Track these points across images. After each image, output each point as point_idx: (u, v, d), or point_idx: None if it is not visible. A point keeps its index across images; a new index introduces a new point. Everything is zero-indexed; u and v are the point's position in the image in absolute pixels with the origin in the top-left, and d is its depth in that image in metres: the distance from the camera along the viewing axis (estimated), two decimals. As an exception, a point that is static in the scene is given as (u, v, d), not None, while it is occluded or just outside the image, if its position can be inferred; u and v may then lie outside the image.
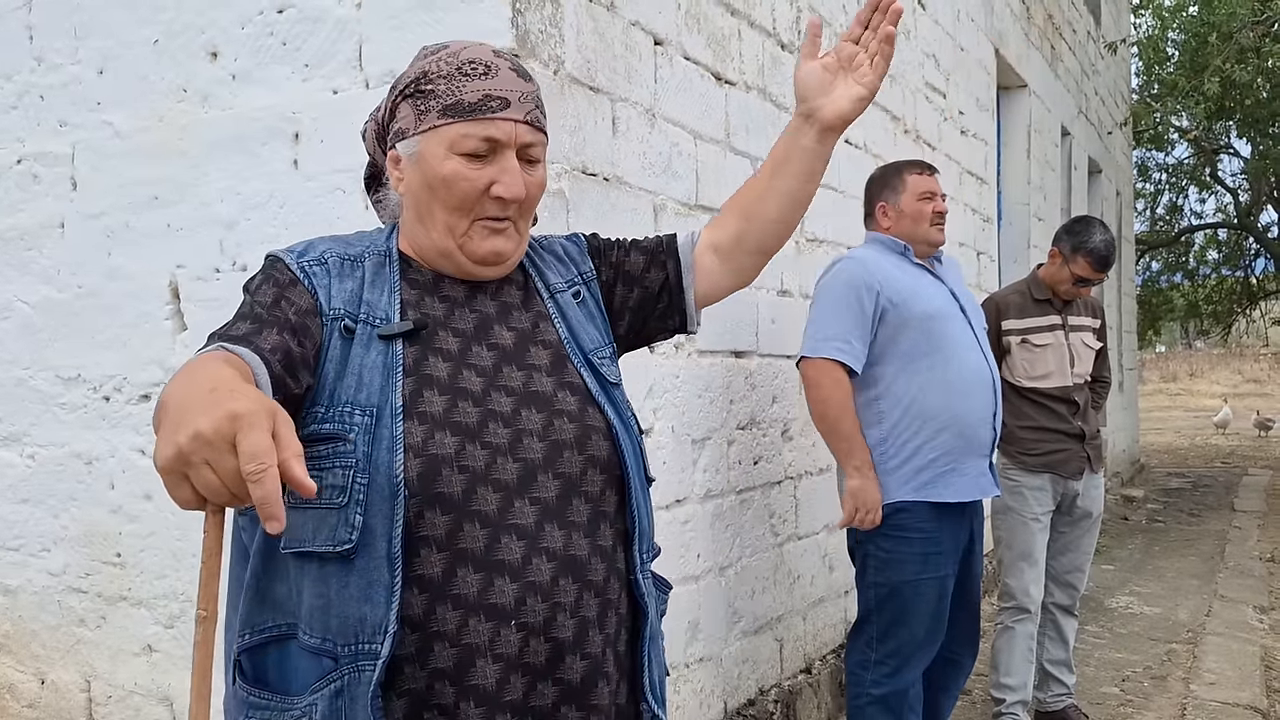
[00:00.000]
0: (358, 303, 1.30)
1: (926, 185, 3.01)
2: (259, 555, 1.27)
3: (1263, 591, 6.13)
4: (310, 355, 1.24)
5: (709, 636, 3.09)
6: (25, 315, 3.07)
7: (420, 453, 1.22)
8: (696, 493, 3.04)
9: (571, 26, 2.51)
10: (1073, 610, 3.86)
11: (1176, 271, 18.69)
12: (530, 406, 1.32)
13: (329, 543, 1.20)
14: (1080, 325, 3.77)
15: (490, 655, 1.23)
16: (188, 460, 0.89)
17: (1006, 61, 6.51)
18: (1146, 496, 9.92)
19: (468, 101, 1.29)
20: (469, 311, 1.37)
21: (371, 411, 1.23)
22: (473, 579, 1.23)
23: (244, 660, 1.28)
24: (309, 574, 1.23)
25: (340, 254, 1.35)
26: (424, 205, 1.33)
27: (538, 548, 1.26)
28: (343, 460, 1.21)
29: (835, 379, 2.80)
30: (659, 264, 1.54)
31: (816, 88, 1.50)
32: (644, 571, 1.39)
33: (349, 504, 1.20)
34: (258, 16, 2.65)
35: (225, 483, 0.90)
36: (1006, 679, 3.70)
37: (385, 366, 1.26)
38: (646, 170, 2.80)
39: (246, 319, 1.24)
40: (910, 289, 2.87)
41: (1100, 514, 3.84)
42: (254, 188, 2.67)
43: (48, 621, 3.05)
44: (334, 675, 1.21)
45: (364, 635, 1.20)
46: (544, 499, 1.28)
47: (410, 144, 1.33)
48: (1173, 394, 28.76)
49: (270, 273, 1.32)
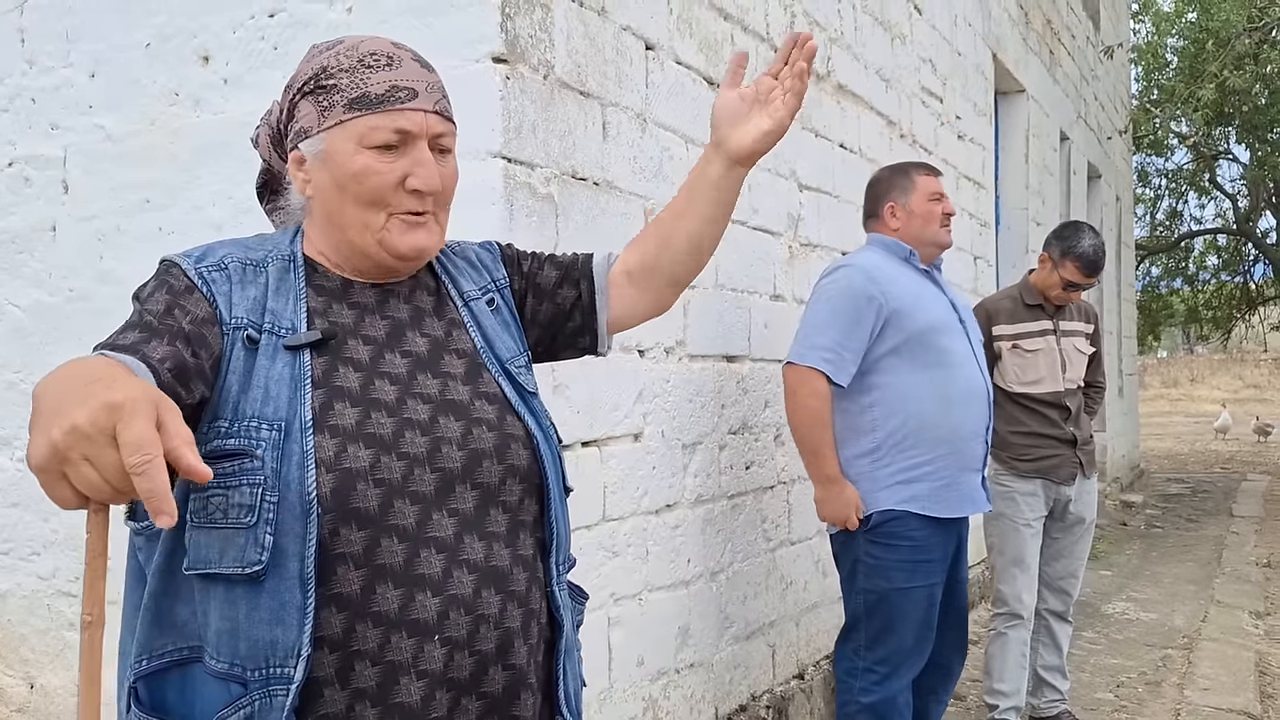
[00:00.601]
0: (261, 311, 1.25)
1: (936, 186, 3.00)
2: (158, 576, 1.20)
3: (1259, 597, 6.12)
4: (206, 365, 1.18)
5: (700, 642, 3.08)
6: (16, 319, 3.07)
7: (333, 467, 1.18)
8: (687, 498, 3.03)
9: (561, 31, 2.51)
10: (1066, 616, 3.85)
11: (1176, 277, 18.70)
12: (448, 414, 1.27)
13: (237, 564, 1.15)
14: (1072, 330, 3.76)
15: (414, 672, 1.19)
16: (64, 457, 0.84)
17: (1004, 66, 6.52)
18: (1145, 502, 9.91)
19: (374, 94, 1.25)
20: (380, 318, 1.32)
21: (280, 426, 1.18)
22: (393, 595, 1.19)
23: (140, 687, 1.20)
24: (215, 596, 1.17)
25: (241, 259, 1.28)
26: (335, 204, 1.28)
27: (458, 560, 1.22)
28: (250, 478, 1.15)
29: (813, 388, 2.78)
30: (572, 281, 1.50)
31: (729, 118, 1.46)
32: (560, 583, 1.36)
33: (258, 523, 1.15)
34: (249, 21, 2.65)
35: (107, 478, 0.85)
36: (1000, 685, 3.70)
37: (293, 379, 1.21)
38: (637, 175, 2.79)
39: (135, 328, 1.18)
40: (913, 299, 2.84)
41: (1094, 520, 3.84)
42: (245, 192, 2.65)
43: (37, 626, 3.05)
44: (243, 701, 1.16)
45: (275, 659, 1.15)
46: (462, 510, 1.24)
47: (315, 142, 1.27)
48: (1174, 399, 28.76)
49: (165, 279, 1.25)
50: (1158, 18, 12.85)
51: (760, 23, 3.47)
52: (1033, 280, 3.79)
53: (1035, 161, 7.25)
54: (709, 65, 3.16)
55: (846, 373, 2.79)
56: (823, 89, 3.93)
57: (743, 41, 3.35)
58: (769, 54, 3.52)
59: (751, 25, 3.41)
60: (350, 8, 2.50)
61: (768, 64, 3.51)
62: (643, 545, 2.81)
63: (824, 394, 2.77)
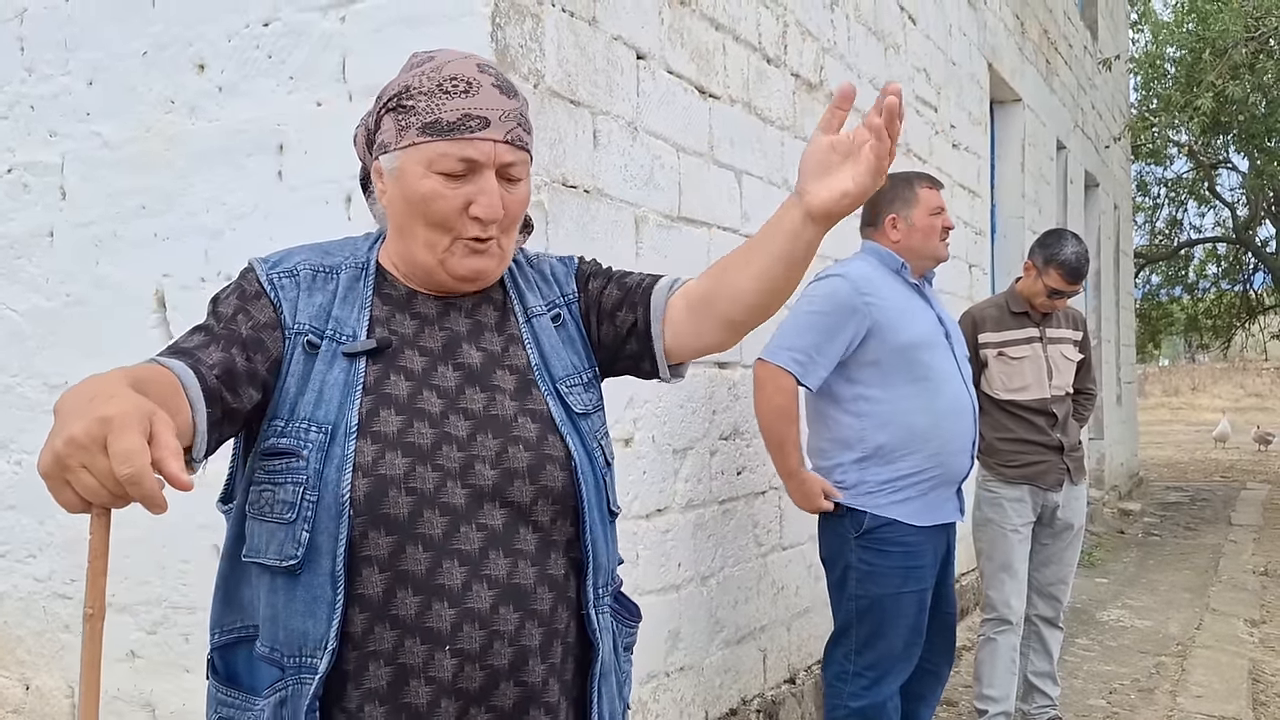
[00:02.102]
0: (325, 318, 1.31)
1: (938, 200, 3.00)
2: (226, 559, 1.32)
3: (1255, 605, 6.13)
4: (261, 368, 1.26)
5: (690, 646, 3.10)
6: (14, 323, 3.10)
7: (369, 472, 1.23)
8: (678, 502, 3.06)
9: (552, 41, 2.54)
10: (1057, 622, 3.87)
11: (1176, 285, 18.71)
12: (487, 431, 1.30)
13: (277, 557, 1.24)
14: (1060, 338, 3.78)
15: (424, 677, 1.24)
16: (65, 465, 0.93)
17: (1000, 75, 6.55)
18: (1144, 510, 9.92)
19: (446, 121, 1.27)
20: (439, 330, 1.35)
21: (327, 429, 1.24)
22: (411, 601, 1.24)
23: (216, 658, 1.33)
24: (264, 584, 1.28)
25: (315, 265, 1.35)
26: (405, 220, 1.33)
27: (479, 574, 1.25)
28: (294, 476, 1.24)
29: (779, 385, 2.80)
30: (631, 305, 1.46)
31: (815, 168, 1.30)
32: (599, 606, 1.36)
33: (297, 520, 1.23)
34: (244, 30, 2.68)
35: (103, 484, 0.93)
36: (989, 690, 3.71)
37: (346, 384, 1.27)
38: (628, 182, 2.82)
39: (201, 331, 1.28)
40: (900, 312, 2.85)
41: (1082, 526, 3.85)
42: (240, 198, 2.70)
43: (33, 627, 3.08)
44: (279, 684, 1.25)
45: (306, 649, 1.24)
46: (490, 526, 1.27)
47: (391, 159, 1.32)
48: (1174, 408, 28.74)
49: (241, 283, 1.34)
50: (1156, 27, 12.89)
51: (752, 32, 3.50)
52: (1019, 288, 3.82)
53: (1031, 170, 7.28)
54: (700, 74, 3.19)
55: (816, 376, 2.81)
56: (815, 98, 3.96)
57: (734, 51, 3.39)
58: (761, 64, 3.56)
59: (743, 35, 3.45)
60: (344, 17, 2.54)
61: (760, 74, 3.54)
62: (633, 549, 2.83)
63: (790, 390, 2.80)
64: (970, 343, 3.70)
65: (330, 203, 2.55)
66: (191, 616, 2.76)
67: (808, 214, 1.31)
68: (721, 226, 3.30)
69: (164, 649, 2.82)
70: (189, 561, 2.75)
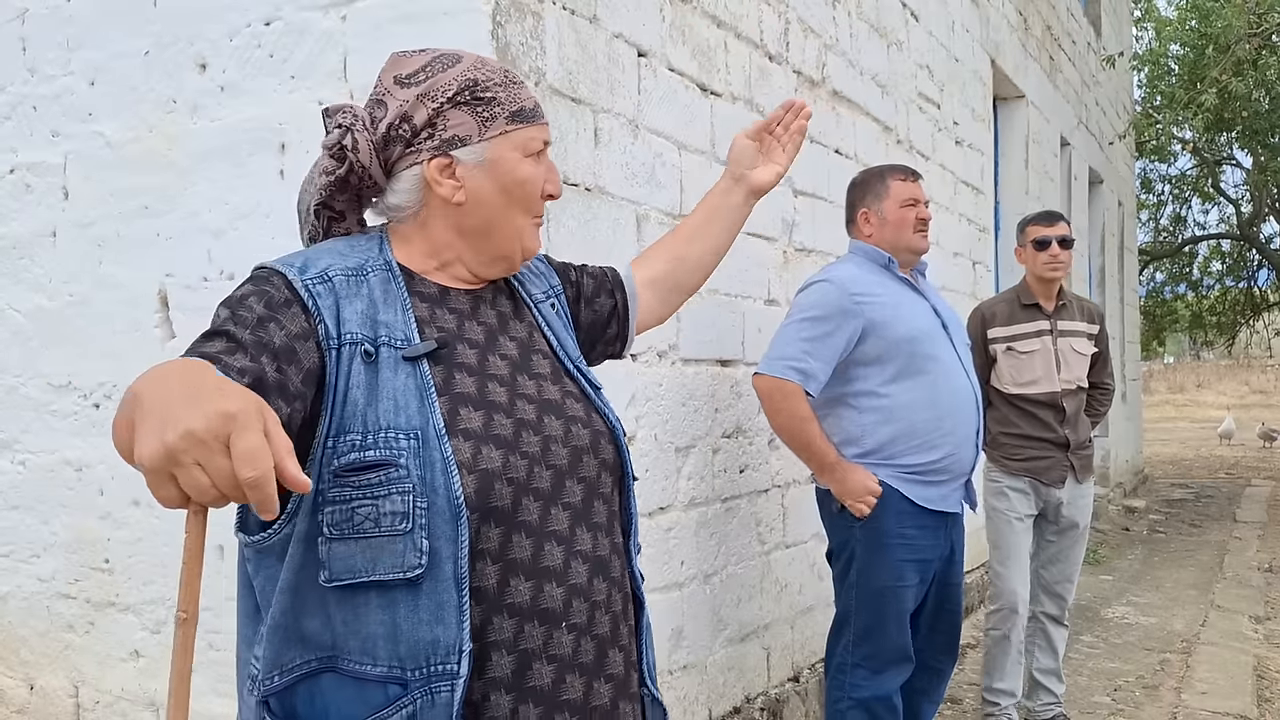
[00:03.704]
0: (373, 324, 1.27)
1: (910, 191, 2.95)
2: (286, 593, 1.23)
3: (1259, 602, 6.11)
4: (292, 380, 1.19)
5: (693, 644, 3.10)
6: (17, 323, 3.11)
7: (472, 469, 1.23)
8: (680, 500, 3.06)
9: (553, 39, 2.54)
10: (1062, 620, 3.86)
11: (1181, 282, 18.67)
12: (549, 413, 1.35)
13: (396, 570, 1.19)
14: (1072, 330, 3.76)
15: (545, 658, 1.27)
16: (177, 459, 0.87)
17: (1003, 72, 6.54)
18: (1148, 507, 9.90)
19: (527, 108, 1.36)
20: (476, 323, 1.37)
21: (415, 434, 1.21)
22: (524, 587, 1.26)
23: (273, 701, 1.25)
24: (365, 603, 1.20)
25: (343, 269, 1.29)
26: (497, 209, 1.35)
27: (574, 551, 1.31)
28: (398, 486, 1.19)
29: (785, 391, 2.78)
30: (607, 291, 1.66)
31: (750, 158, 1.84)
32: (636, 565, 1.45)
33: (414, 529, 1.19)
34: (245, 29, 2.68)
35: (216, 483, 0.88)
36: (999, 683, 3.73)
37: (418, 388, 1.24)
38: (629, 180, 2.82)
39: (221, 336, 1.19)
40: (893, 309, 2.84)
41: (1087, 525, 3.83)
42: (241, 197, 2.70)
43: (37, 627, 3.08)
44: (404, 701, 1.20)
45: (436, 657, 1.20)
46: (572, 504, 1.32)
47: (476, 150, 1.32)
48: (1179, 405, 28.70)
49: (264, 288, 1.25)
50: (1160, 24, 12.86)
51: (754, 29, 3.50)
52: (1026, 278, 3.82)
53: (1035, 167, 7.27)
54: (702, 72, 3.19)
55: (816, 381, 2.79)
56: (818, 95, 3.96)
57: (736, 48, 3.38)
58: (763, 61, 3.55)
59: (745, 32, 3.44)
60: (345, 16, 2.54)
61: (762, 71, 3.54)
62: (635, 547, 2.83)
63: (796, 394, 2.77)
64: (980, 339, 3.69)
65: (332, 201, 2.54)
66: (195, 616, 2.76)
67: (750, 191, 1.84)
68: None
69: (167, 649, 2.82)
70: (192, 561, 2.75)
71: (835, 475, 2.80)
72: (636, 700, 1.39)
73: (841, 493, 2.81)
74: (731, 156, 1.85)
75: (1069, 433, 3.68)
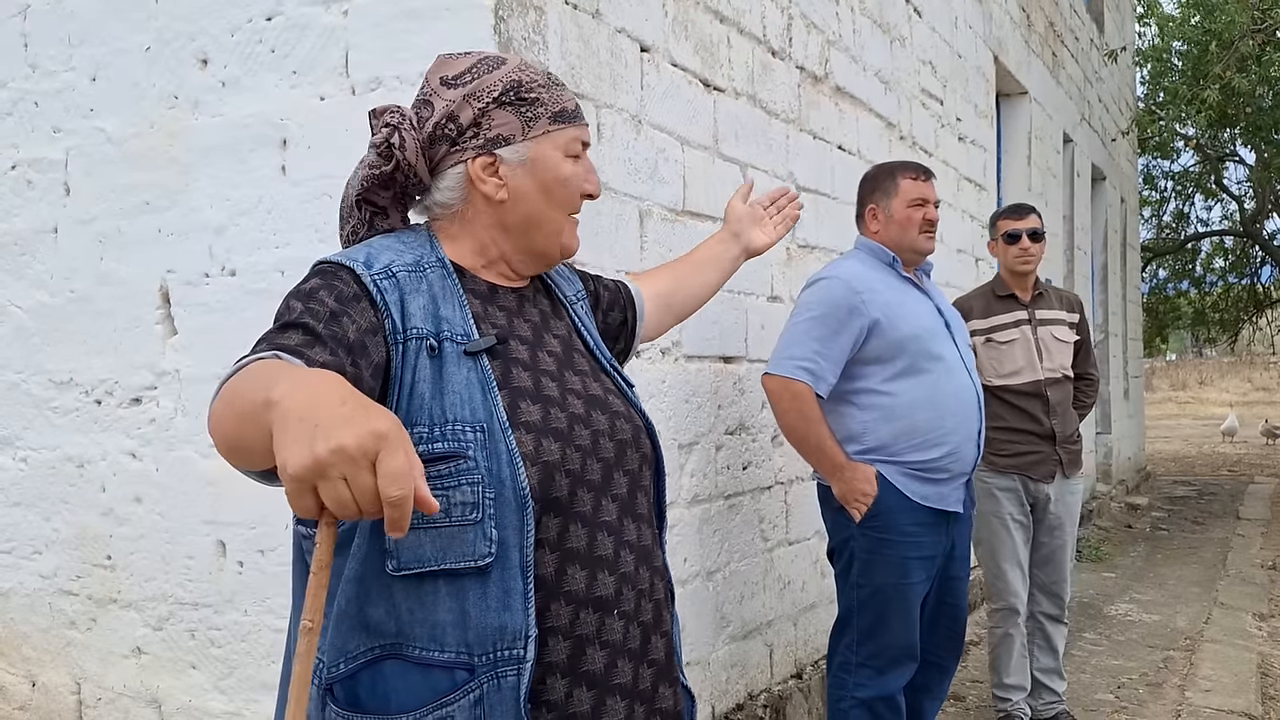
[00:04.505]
0: (436, 320, 1.30)
1: (920, 191, 2.92)
2: (353, 583, 1.26)
3: (1263, 599, 6.10)
4: (365, 375, 1.22)
5: (696, 641, 3.09)
6: (19, 319, 3.10)
7: (535, 461, 1.27)
8: (683, 497, 3.05)
9: (555, 34, 2.53)
10: (1061, 618, 3.84)
11: (1183, 279, 18.63)
12: (596, 409, 1.39)
13: (468, 558, 1.23)
14: (1051, 318, 3.75)
15: (598, 643, 1.32)
16: (324, 472, 0.89)
17: (1006, 68, 6.52)
18: (1151, 504, 9.89)
19: (569, 109, 1.41)
20: (523, 321, 1.42)
21: (481, 427, 1.25)
22: (580, 575, 1.31)
23: (336, 688, 1.27)
24: (433, 591, 1.24)
25: (405, 264, 1.33)
26: (538, 207, 1.39)
27: (623, 541, 1.36)
28: (468, 477, 1.23)
29: (794, 392, 2.77)
30: (620, 306, 1.72)
31: (748, 219, 2.10)
32: (666, 556, 1.51)
33: (483, 519, 1.23)
34: (247, 24, 2.67)
35: (358, 499, 0.90)
36: (1008, 679, 3.74)
37: (480, 382, 1.28)
38: (632, 176, 2.81)
39: (298, 329, 1.20)
40: (897, 307, 2.83)
41: (1075, 522, 3.83)
42: (243, 193, 2.69)
43: (39, 624, 3.08)
44: (472, 685, 1.24)
45: (503, 643, 1.24)
46: (620, 495, 1.38)
47: (520, 149, 1.37)
48: (1182, 402, 28.68)
49: (333, 282, 1.27)
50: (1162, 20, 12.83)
51: (757, 25, 3.49)
52: (1000, 271, 3.83)
53: (1038, 163, 7.25)
54: (705, 67, 3.18)
55: (825, 383, 2.78)
56: (820, 91, 3.95)
57: (739, 44, 3.37)
58: (765, 57, 3.54)
59: (748, 28, 3.43)
60: (346, 10, 2.53)
61: (765, 67, 3.52)
62: (638, 544, 2.82)
63: (805, 394, 2.76)
64: None
65: (334, 197, 2.53)
66: (196, 613, 2.76)
67: (745, 251, 2.09)
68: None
69: (170, 645, 2.82)
70: (194, 558, 2.74)
71: (842, 477, 2.79)
72: (675, 685, 1.43)
73: (843, 494, 2.80)
74: (728, 215, 2.07)
75: (1055, 424, 3.65)
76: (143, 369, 2.86)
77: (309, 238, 2.58)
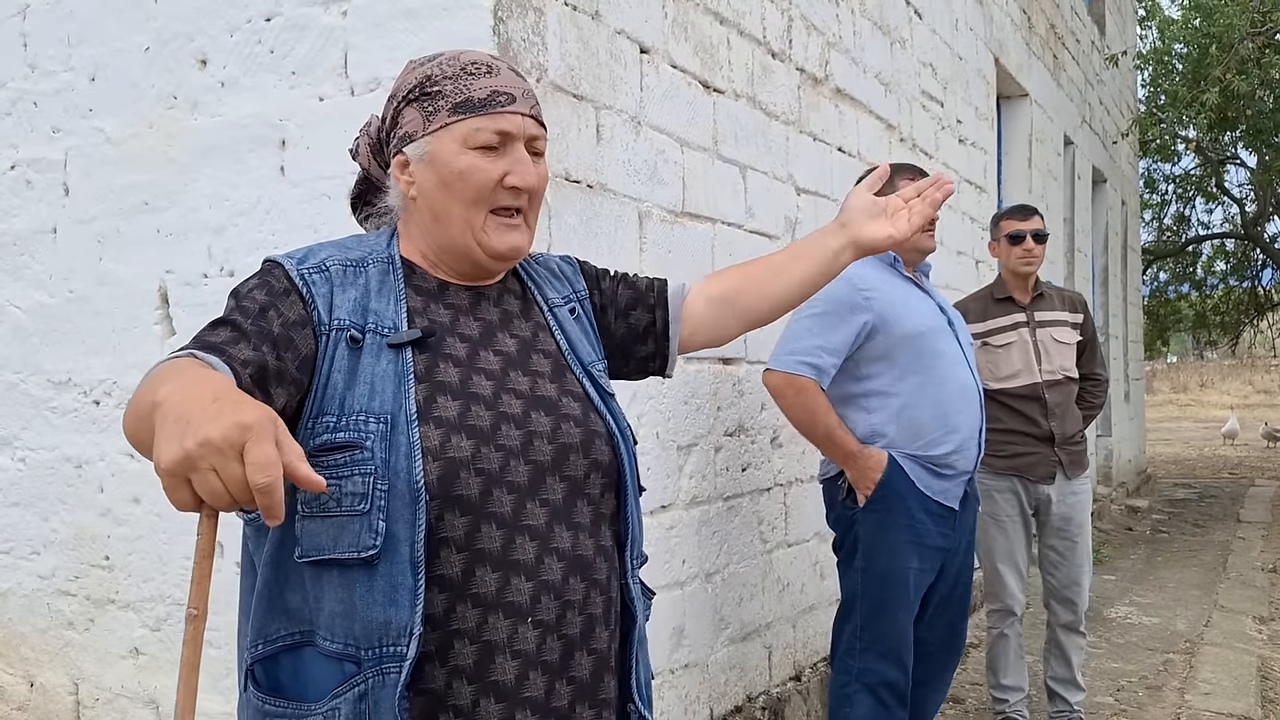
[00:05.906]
0: (363, 312, 1.31)
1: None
2: (269, 566, 1.28)
3: (1263, 602, 6.10)
4: (291, 367, 1.25)
5: (695, 643, 3.09)
6: (17, 320, 3.10)
7: (438, 456, 1.25)
8: (682, 499, 3.04)
9: (555, 35, 2.53)
10: (1076, 627, 3.73)
11: (1184, 282, 18.63)
12: (539, 409, 1.35)
13: (353, 549, 1.22)
14: (1051, 320, 3.72)
15: (509, 652, 1.27)
16: (194, 465, 0.92)
17: (1006, 71, 6.52)
18: (1152, 507, 9.88)
19: (477, 98, 1.34)
20: (473, 319, 1.39)
21: (386, 419, 1.25)
22: (491, 578, 1.26)
23: (257, 670, 1.29)
24: (329, 581, 1.24)
25: (342, 260, 1.35)
26: (440, 203, 1.35)
27: (549, 547, 1.30)
28: (361, 468, 1.23)
29: (799, 387, 2.78)
30: (646, 306, 1.60)
31: (865, 211, 1.66)
32: (634, 576, 1.43)
33: (371, 510, 1.22)
34: (246, 25, 2.67)
35: (229, 489, 0.92)
36: (1005, 680, 3.73)
37: (397, 374, 1.28)
38: (631, 177, 2.81)
39: (227, 325, 1.25)
40: (900, 305, 2.84)
41: (1086, 521, 3.75)
42: (242, 194, 2.69)
43: (37, 624, 3.07)
44: (357, 679, 1.23)
45: (388, 638, 1.23)
46: (552, 500, 1.32)
47: (420, 145, 1.35)
48: (1182, 405, 28.68)
49: (266, 279, 1.31)
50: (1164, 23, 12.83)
51: (757, 26, 3.48)
52: (1002, 273, 3.81)
53: (1039, 166, 7.25)
54: (704, 69, 3.17)
55: (826, 376, 2.79)
56: (820, 93, 3.95)
57: (739, 45, 3.37)
58: (765, 59, 3.54)
59: (748, 29, 3.43)
60: (345, 11, 2.53)
61: (764, 68, 3.52)
62: (637, 546, 2.82)
63: (811, 388, 2.77)
64: None
65: (332, 198, 2.54)
66: (195, 613, 2.75)
67: (852, 243, 1.65)
68: (726, 222, 3.28)
69: (168, 646, 2.82)
70: (190, 559, 2.74)
71: (855, 464, 2.79)
72: (602, 707, 1.36)
73: (857, 480, 2.80)
74: (846, 204, 1.70)
75: (1054, 426, 3.62)
76: (141, 369, 2.85)
77: (308, 238, 2.57)
